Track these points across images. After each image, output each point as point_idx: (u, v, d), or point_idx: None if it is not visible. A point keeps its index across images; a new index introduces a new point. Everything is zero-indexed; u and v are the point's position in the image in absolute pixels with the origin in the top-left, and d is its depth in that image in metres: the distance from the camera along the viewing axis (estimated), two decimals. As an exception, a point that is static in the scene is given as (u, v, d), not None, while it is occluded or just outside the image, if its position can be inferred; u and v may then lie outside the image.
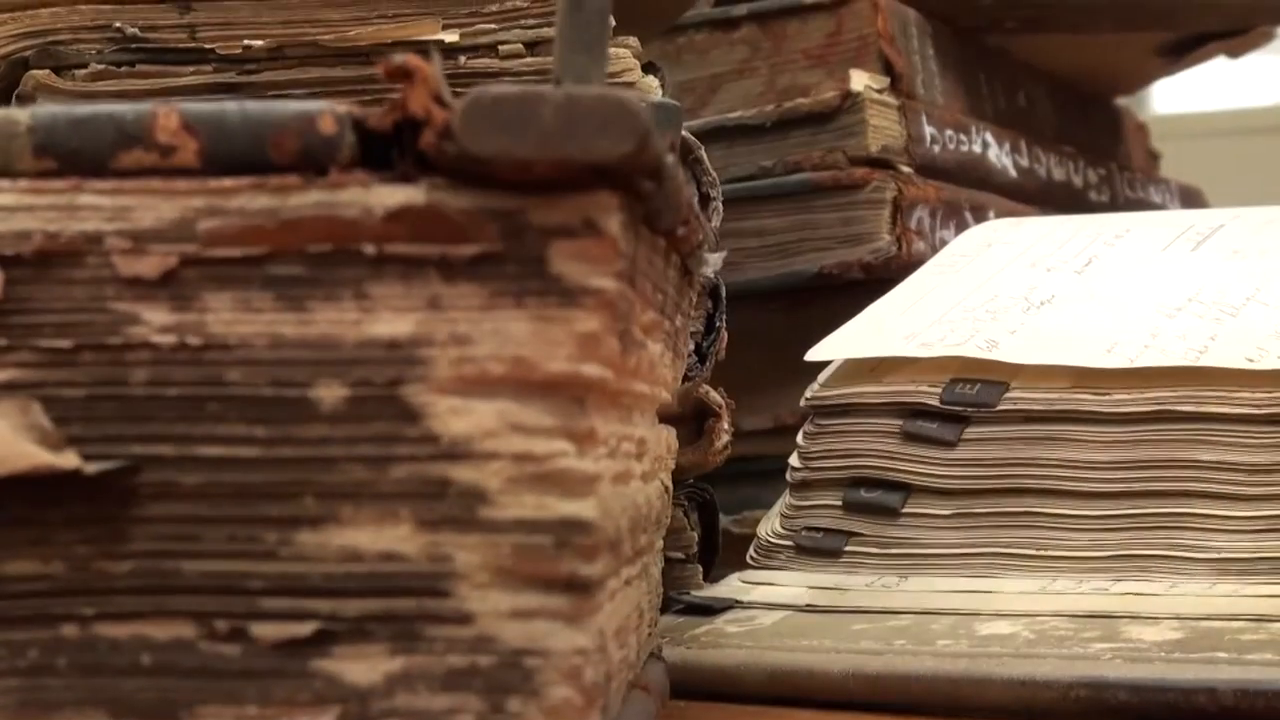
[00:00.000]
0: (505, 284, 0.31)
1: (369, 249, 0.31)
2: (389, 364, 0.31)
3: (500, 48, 0.55)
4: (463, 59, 0.55)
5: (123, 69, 0.54)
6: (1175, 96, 1.75)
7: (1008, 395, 0.54)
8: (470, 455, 0.31)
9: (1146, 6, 0.82)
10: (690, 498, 0.55)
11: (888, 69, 0.76)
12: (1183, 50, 0.89)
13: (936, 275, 0.62)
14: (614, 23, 0.55)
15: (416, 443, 0.31)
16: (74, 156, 0.32)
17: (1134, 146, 0.96)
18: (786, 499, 0.57)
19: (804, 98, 0.76)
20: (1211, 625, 0.47)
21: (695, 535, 0.55)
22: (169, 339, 0.31)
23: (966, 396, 0.55)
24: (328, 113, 0.32)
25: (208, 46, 0.54)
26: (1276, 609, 0.47)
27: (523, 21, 0.55)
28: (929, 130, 0.77)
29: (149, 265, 0.31)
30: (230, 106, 0.32)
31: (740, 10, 0.79)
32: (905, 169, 0.75)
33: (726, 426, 0.53)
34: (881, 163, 0.75)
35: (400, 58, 0.31)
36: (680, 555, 0.55)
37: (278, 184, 0.31)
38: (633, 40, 0.56)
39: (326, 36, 0.54)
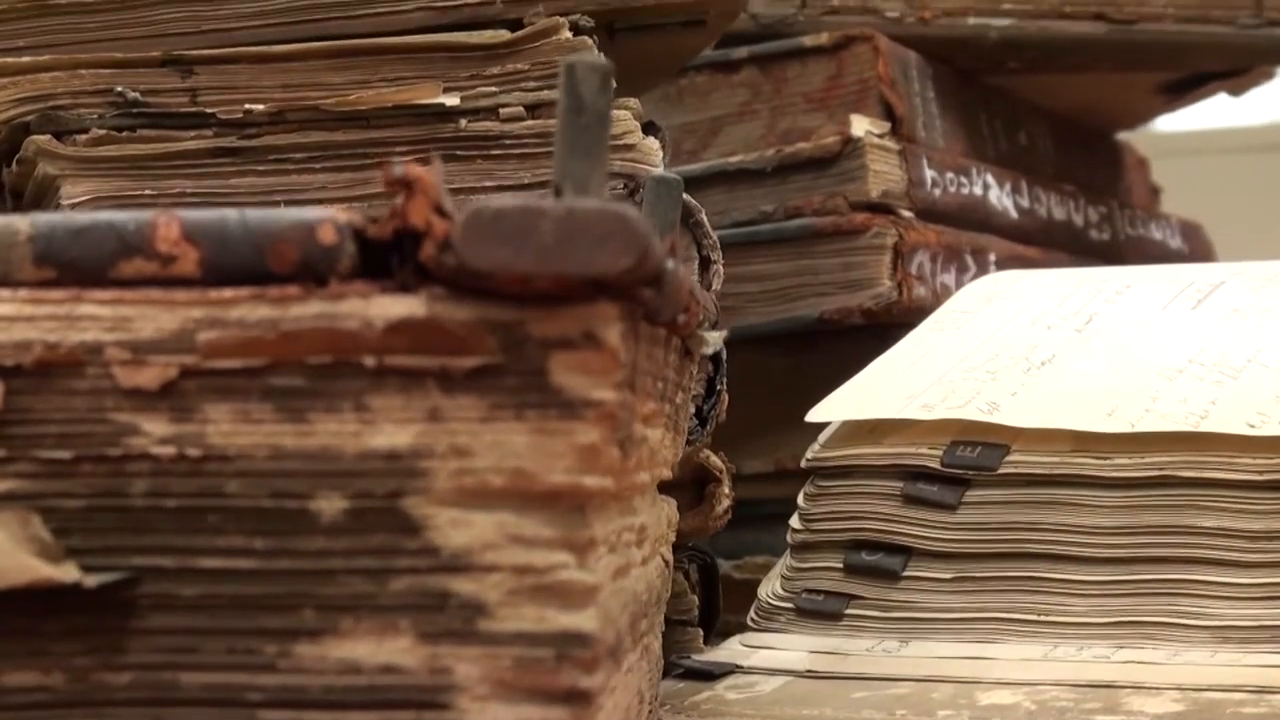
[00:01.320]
0: (505, 396, 0.31)
1: (369, 361, 0.31)
2: (389, 475, 0.31)
3: (501, 110, 0.55)
4: (463, 122, 0.55)
5: (124, 134, 0.54)
6: (1176, 115, 1.74)
7: (1009, 458, 0.54)
8: (470, 567, 0.31)
9: (1148, 48, 0.82)
10: (690, 559, 0.55)
11: (888, 113, 0.76)
12: (1184, 89, 0.89)
13: (937, 332, 0.62)
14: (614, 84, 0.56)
15: (416, 555, 0.31)
16: (74, 265, 0.32)
17: (1135, 182, 0.96)
18: (787, 560, 0.57)
19: (805, 142, 0.76)
20: (1213, 697, 0.47)
21: (696, 599, 0.55)
22: (168, 450, 0.31)
23: (967, 460, 0.55)
24: (328, 222, 0.32)
25: (209, 111, 0.54)
26: (1278, 680, 0.47)
27: (523, 84, 0.55)
28: (930, 174, 0.77)
29: (149, 376, 0.31)
30: (230, 215, 0.32)
31: (741, 53, 0.79)
32: (906, 214, 0.75)
33: (727, 491, 0.53)
34: (882, 208, 0.75)
35: (400, 169, 0.31)
36: (681, 619, 0.54)
37: (278, 295, 0.31)
38: (633, 102, 0.56)
39: (327, 101, 0.54)
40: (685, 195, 0.54)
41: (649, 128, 0.57)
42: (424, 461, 0.31)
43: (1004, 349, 0.59)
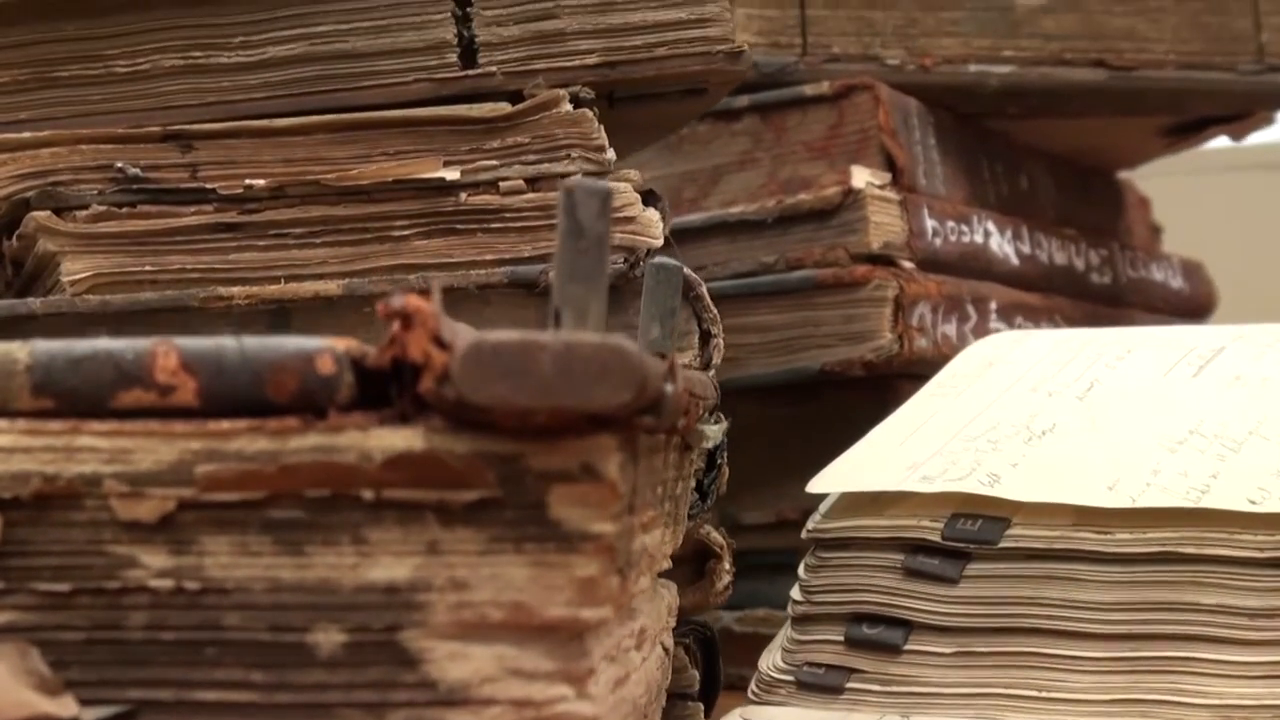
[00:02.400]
0: (504, 529, 0.31)
1: (367, 494, 0.31)
2: (387, 609, 0.31)
3: (501, 184, 0.55)
4: (463, 195, 0.55)
5: (124, 209, 0.54)
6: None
7: (1009, 532, 0.54)
8: (468, 701, 0.31)
9: (1149, 94, 0.82)
10: (690, 633, 0.55)
11: (889, 162, 0.76)
12: (1185, 131, 0.89)
13: (937, 398, 0.61)
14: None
15: (414, 688, 0.31)
16: (72, 395, 0.32)
17: (1136, 221, 0.96)
18: (788, 632, 0.57)
19: (806, 192, 0.76)
20: (1215, 776, 0.47)
21: (696, 674, 0.55)
22: (166, 583, 0.31)
23: (968, 533, 0.54)
24: (326, 352, 0.32)
25: (209, 186, 0.54)
26: (1279, 760, 0.47)
27: (524, 157, 0.55)
28: (930, 224, 0.77)
29: (147, 509, 0.31)
30: (229, 344, 0.32)
31: (742, 101, 0.79)
32: (907, 265, 0.75)
33: (728, 567, 0.53)
34: (883, 259, 0.75)
35: (399, 301, 0.31)
36: (682, 693, 0.54)
37: (276, 427, 0.31)
38: (633, 173, 0.56)
39: (328, 175, 0.54)
40: (685, 270, 0.55)
41: (649, 197, 0.57)
42: (422, 595, 0.31)
43: (1005, 417, 0.59)
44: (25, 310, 0.53)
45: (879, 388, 0.76)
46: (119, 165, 0.54)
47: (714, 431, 0.43)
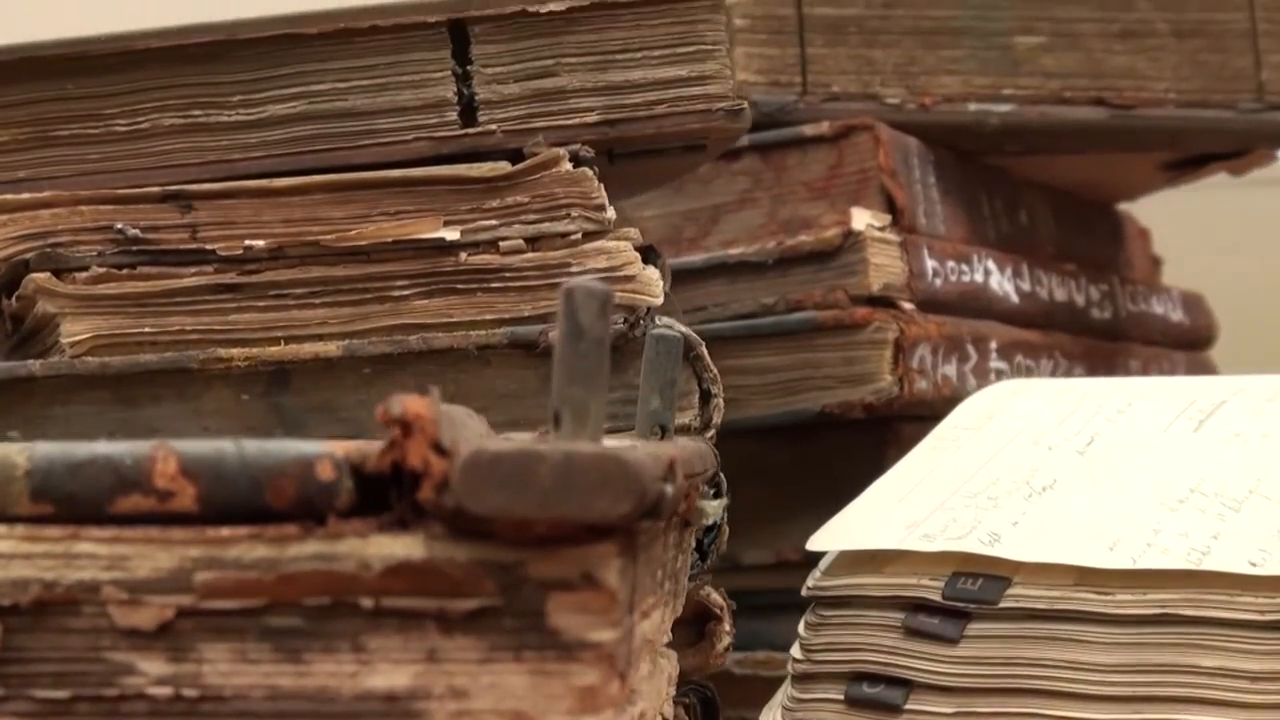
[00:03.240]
0: (503, 638, 0.31)
1: (366, 602, 0.31)
2: (386, 717, 0.31)
3: (501, 243, 0.55)
4: (463, 255, 0.55)
5: (124, 271, 0.54)
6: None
7: (1010, 592, 0.54)
8: (469, 809, 0.31)
9: (1149, 132, 0.82)
10: (692, 692, 0.55)
11: (889, 202, 0.76)
12: (1185, 167, 0.89)
13: (938, 451, 0.61)
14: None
15: (415, 796, 0.31)
16: (71, 501, 0.32)
17: (1136, 253, 0.96)
18: (788, 690, 0.57)
19: (806, 233, 0.76)
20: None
21: (697, 735, 0.55)
22: (165, 690, 0.31)
23: (968, 593, 0.54)
24: (325, 458, 0.32)
25: (209, 247, 0.54)
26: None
27: (523, 217, 0.55)
28: (930, 264, 0.77)
29: (145, 617, 0.31)
30: (228, 449, 0.32)
31: (742, 141, 0.79)
32: (907, 306, 0.75)
33: (728, 628, 0.53)
34: (883, 301, 0.75)
35: (398, 408, 0.31)
36: (683, 754, 0.54)
37: (275, 534, 0.31)
38: (633, 232, 0.56)
39: (328, 236, 0.54)
40: (685, 331, 0.55)
41: (648, 255, 0.57)
42: (421, 703, 0.31)
43: (1005, 472, 0.59)
44: (25, 372, 0.53)
45: (878, 428, 0.76)
46: (119, 226, 0.54)
47: (714, 508, 0.43)
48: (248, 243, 0.54)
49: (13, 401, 0.53)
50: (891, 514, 0.58)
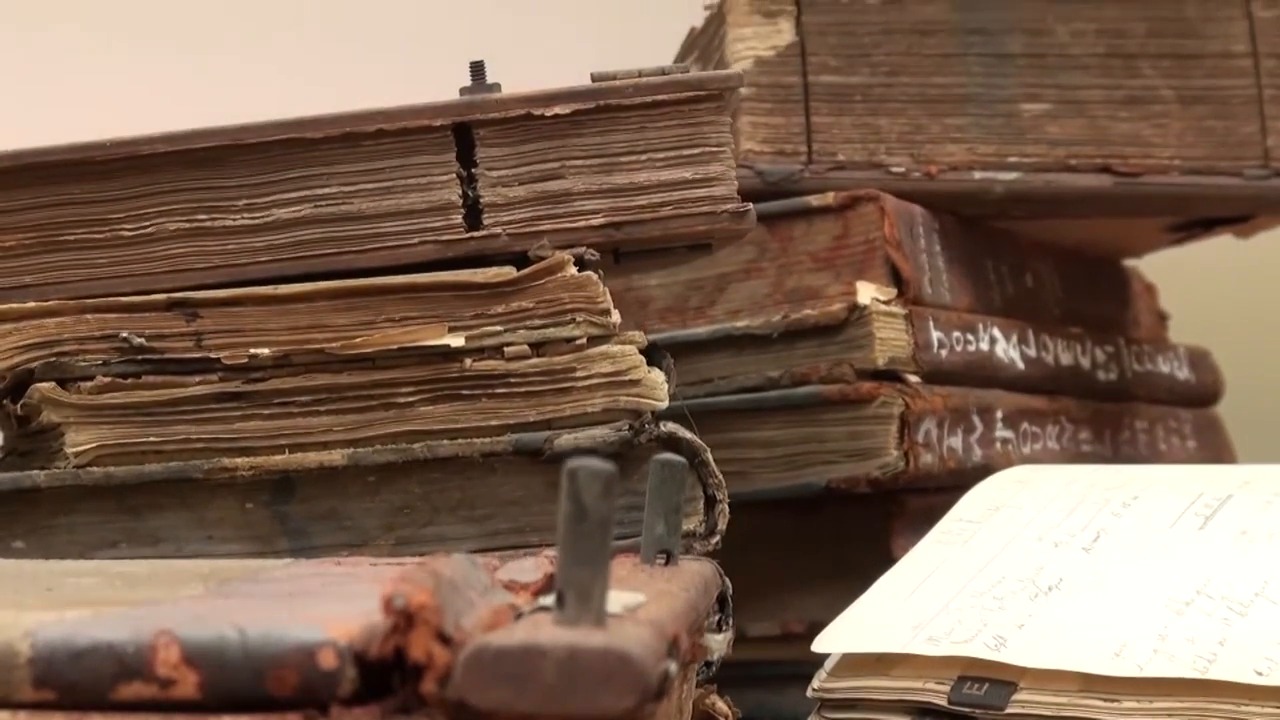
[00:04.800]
0: (508, 828, 0.31)
1: (370, 793, 0.31)
2: None
3: (506, 349, 0.55)
4: (468, 361, 0.55)
5: (129, 380, 0.54)
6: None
7: (1016, 697, 0.54)
8: None
9: (1154, 198, 0.82)
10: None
11: (894, 273, 0.76)
12: (1191, 228, 0.89)
13: (943, 546, 0.61)
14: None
15: None
16: (73, 689, 0.32)
17: (1142, 310, 0.96)
18: (796, 790, 0.57)
19: (811, 306, 0.76)
20: None
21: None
22: None
23: (974, 698, 0.54)
24: (328, 646, 0.32)
25: (214, 356, 0.54)
26: None
27: (528, 322, 0.55)
28: (936, 335, 0.77)
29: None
30: (231, 636, 0.32)
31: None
32: (913, 379, 0.75)
33: (733, 736, 0.53)
34: (889, 375, 0.75)
35: (401, 600, 0.31)
36: None
37: (278, 726, 0.31)
38: (638, 335, 0.56)
39: (333, 344, 0.54)
40: (689, 435, 0.55)
41: (653, 355, 0.57)
42: None
43: (1011, 571, 0.59)
44: (30, 483, 0.53)
45: (884, 501, 0.76)
46: (124, 335, 0.54)
47: (718, 643, 0.43)
48: (253, 351, 0.54)
49: (18, 511, 0.53)
50: (897, 614, 0.58)
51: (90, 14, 1.17)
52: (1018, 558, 0.60)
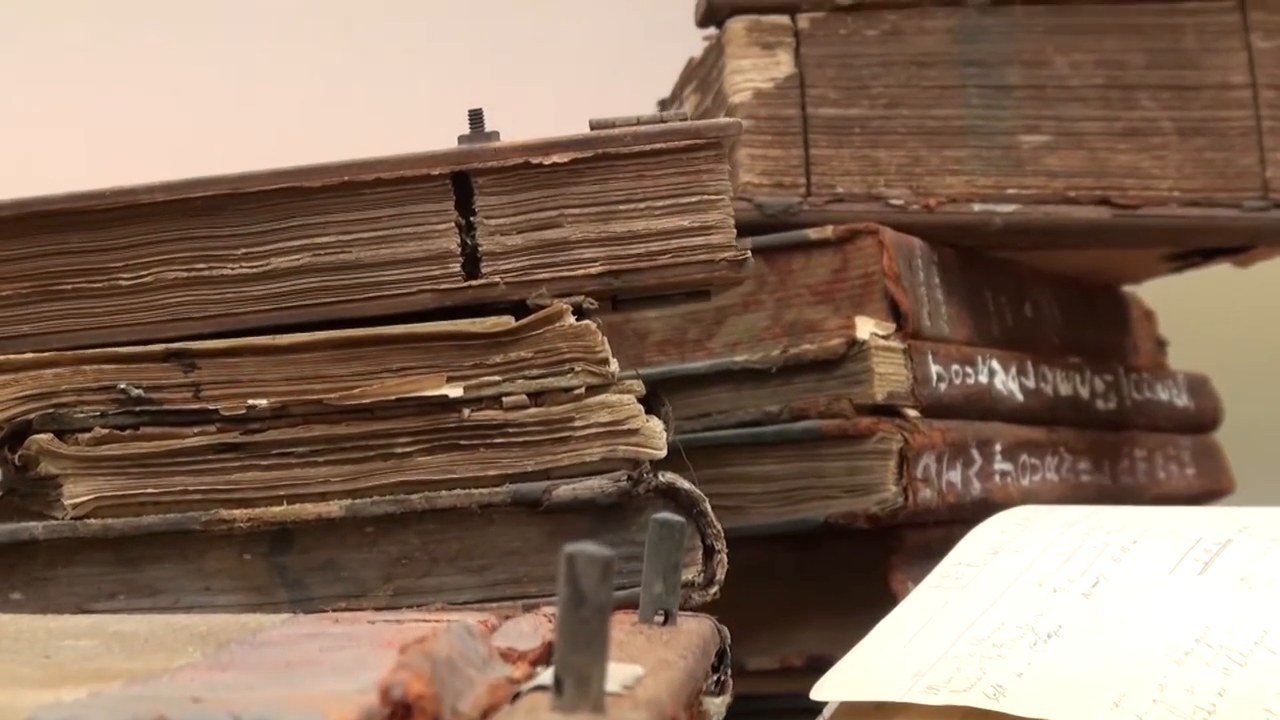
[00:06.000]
0: None
1: None
2: None
3: (504, 399, 0.55)
4: (466, 412, 0.55)
5: (126, 432, 0.54)
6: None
7: (1014, 747, 0.54)
8: None
9: (1153, 230, 0.82)
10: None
11: (893, 307, 0.76)
12: (1190, 257, 0.89)
13: (942, 590, 0.61)
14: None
15: None
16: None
17: (1141, 336, 0.96)
18: (792, 841, 0.57)
19: (810, 339, 0.76)
20: None
21: None
22: None
23: (973, 749, 0.54)
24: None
25: (212, 407, 0.54)
26: None
27: (527, 372, 0.55)
28: (935, 369, 0.77)
29: None
30: (227, 722, 0.32)
31: (745, 244, 0.79)
32: (911, 413, 0.75)
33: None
34: (888, 410, 0.75)
35: (399, 690, 0.31)
36: None
37: (276, 815, 0.31)
38: (637, 384, 0.56)
39: (331, 395, 0.54)
40: (688, 485, 0.55)
41: (651, 403, 0.57)
42: None
43: (1009, 617, 0.59)
44: (27, 535, 0.53)
45: (883, 535, 0.76)
46: (122, 386, 0.54)
47: (716, 707, 0.43)
48: (251, 402, 0.54)
49: (16, 563, 0.53)
50: (896, 661, 0.58)
51: (80, 63, 1.18)
52: (1017, 603, 0.60)
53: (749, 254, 0.57)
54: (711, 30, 0.81)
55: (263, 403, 0.54)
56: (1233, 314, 1.14)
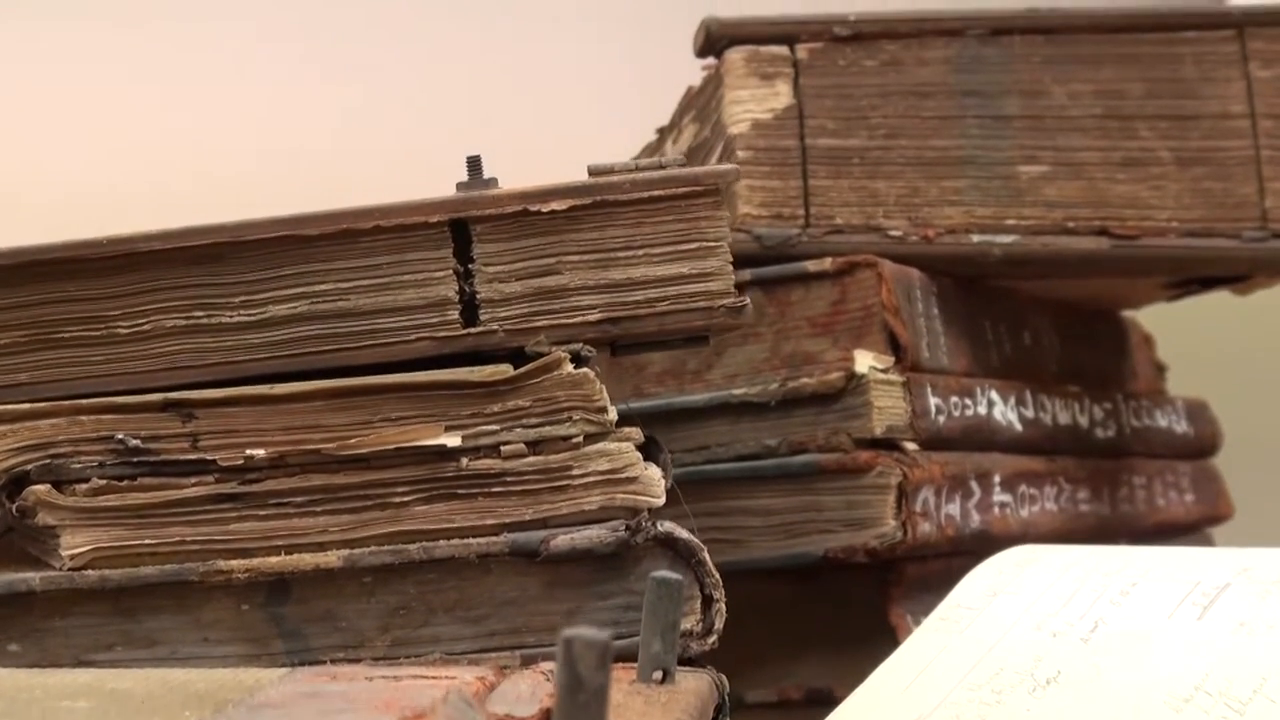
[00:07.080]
0: None
1: None
2: None
3: (502, 448, 0.55)
4: (465, 461, 0.55)
5: (124, 483, 0.54)
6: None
7: (1012, 796, 0.54)
8: None
9: (1152, 260, 0.81)
10: None
11: (892, 340, 0.76)
12: (1189, 285, 0.89)
13: (941, 634, 0.61)
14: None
15: None
16: None
17: (1140, 361, 0.96)
18: None
19: (809, 372, 0.76)
20: None
21: None
22: None
23: (971, 797, 0.54)
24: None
25: (209, 458, 0.54)
26: None
27: (525, 420, 0.55)
28: (934, 402, 0.77)
29: None
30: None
31: (744, 275, 0.79)
32: (910, 446, 0.75)
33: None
34: (886, 443, 0.75)
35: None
36: None
37: None
38: (635, 432, 0.56)
39: (329, 444, 0.54)
40: (686, 535, 0.54)
41: (650, 451, 0.56)
42: None
43: (1009, 662, 0.59)
44: (25, 587, 0.53)
45: (882, 568, 0.76)
46: (119, 436, 0.54)
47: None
48: (249, 452, 0.54)
49: (13, 614, 0.53)
50: (895, 706, 0.58)
51: (68, 121, 1.18)
52: (1015, 648, 0.60)
53: (747, 302, 0.57)
54: (710, 60, 0.81)
55: (260, 452, 0.54)
56: (1231, 338, 1.14)
